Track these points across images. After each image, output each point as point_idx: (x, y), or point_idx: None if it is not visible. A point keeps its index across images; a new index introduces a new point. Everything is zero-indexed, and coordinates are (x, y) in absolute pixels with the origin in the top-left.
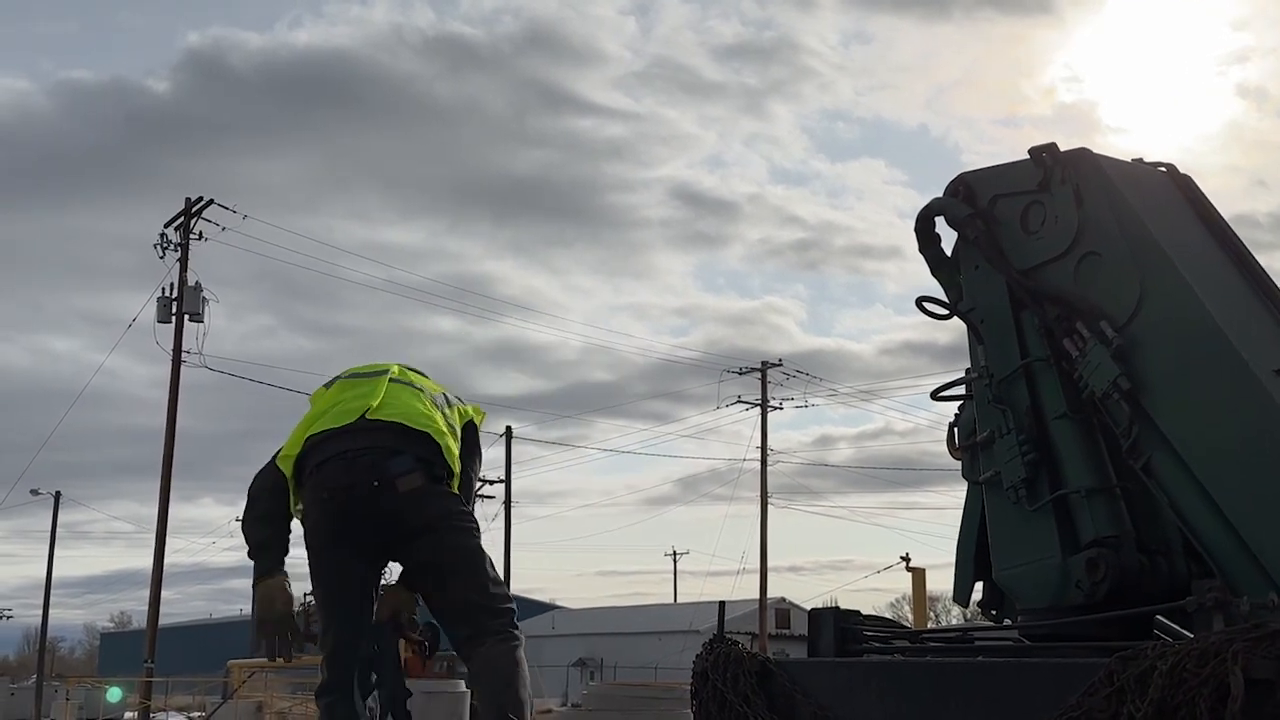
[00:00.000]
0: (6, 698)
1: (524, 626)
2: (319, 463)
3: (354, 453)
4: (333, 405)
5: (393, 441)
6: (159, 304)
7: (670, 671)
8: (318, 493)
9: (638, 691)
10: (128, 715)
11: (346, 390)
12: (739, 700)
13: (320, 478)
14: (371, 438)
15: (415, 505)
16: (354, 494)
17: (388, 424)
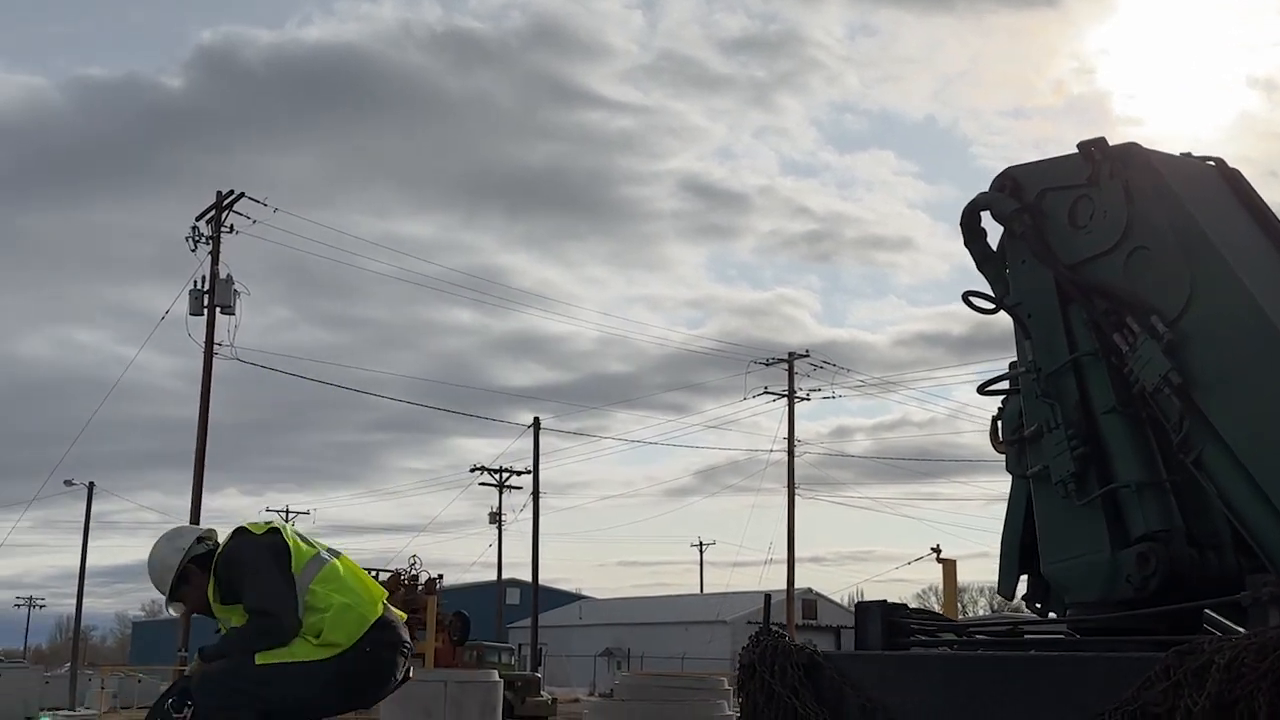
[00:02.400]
0: (41, 685)
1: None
2: (396, 643)
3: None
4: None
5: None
6: (191, 296)
7: (697, 661)
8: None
9: (670, 681)
10: None
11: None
12: (787, 693)
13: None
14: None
15: None
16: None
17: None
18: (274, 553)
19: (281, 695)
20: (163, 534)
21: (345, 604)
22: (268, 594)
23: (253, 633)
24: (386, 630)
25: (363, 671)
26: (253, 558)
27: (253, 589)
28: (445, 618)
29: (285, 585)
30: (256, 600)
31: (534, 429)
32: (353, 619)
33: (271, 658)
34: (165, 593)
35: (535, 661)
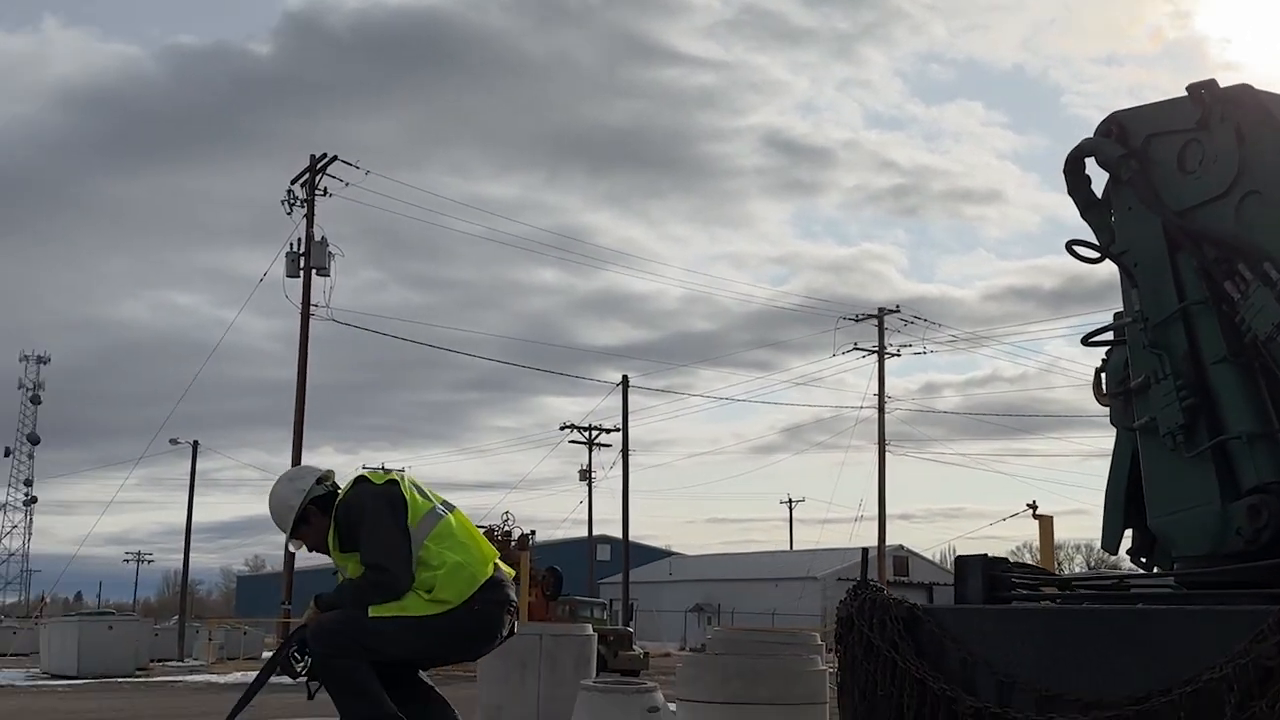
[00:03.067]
0: (151, 637)
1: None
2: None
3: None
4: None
5: None
6: (287, 259)
7: (787, 617)
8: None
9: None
10: (265, 655)
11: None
12: (886, 646)
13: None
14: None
15: None
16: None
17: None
18: (391, 505)
19: (392, 646)
20: (284, 473)
21: (458, 563)
22: (383, 548)
23: (367, 587)
24: (496, 589)
25: (471, 628)
26: (371, 509)
27: (369, 542)
28: (538, 573)
29: (400, 539)
30: (372, 554)
31: (623, 387)
32: (464, 578)
33: (384, 611)
34: (285, 531)
35: (626, 616)
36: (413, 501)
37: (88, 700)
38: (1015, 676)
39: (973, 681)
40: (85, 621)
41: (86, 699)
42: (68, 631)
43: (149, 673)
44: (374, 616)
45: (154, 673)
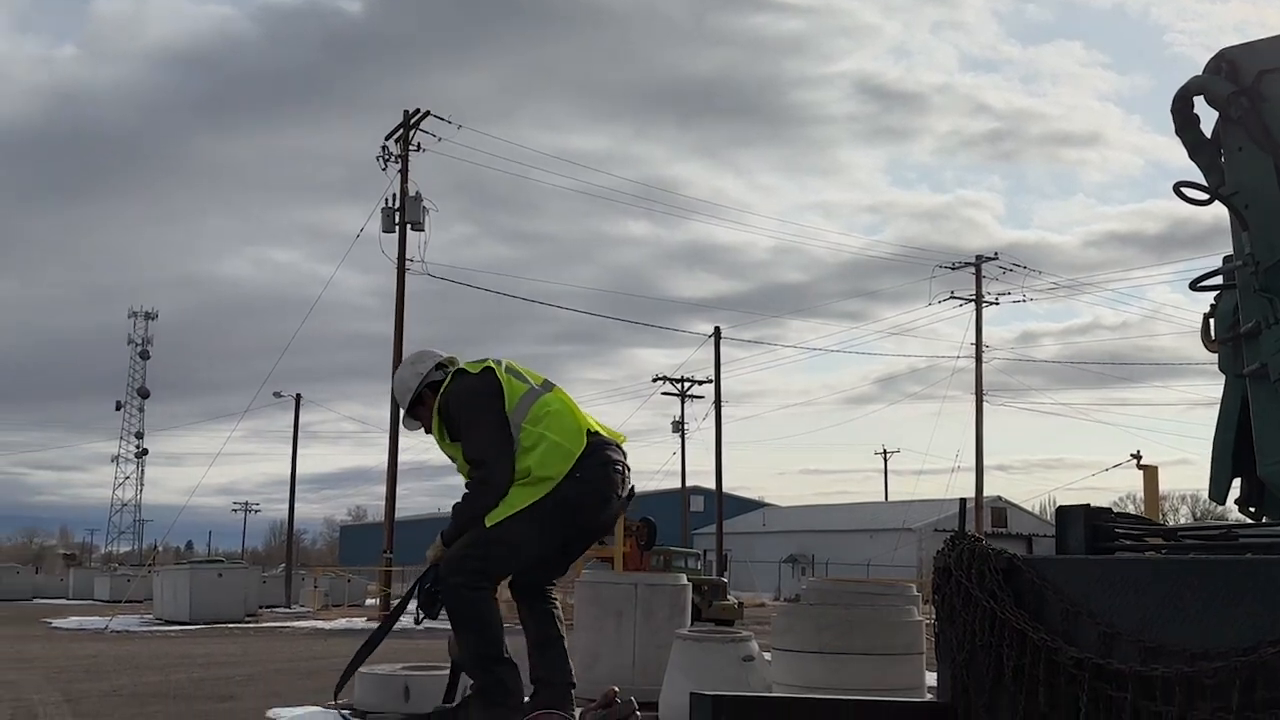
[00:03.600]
0: (259, 585)
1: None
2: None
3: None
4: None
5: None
6: (383, 215)
7: (882, 569)
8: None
9: (858, 587)
10: (369, 602)
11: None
12: (985, 597)
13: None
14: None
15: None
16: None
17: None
18: (487, 394)
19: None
20: (409, 355)
21: (554, 441)
22: (480, 442)
23: (473, 492)
24: (596, 453)
25: (580, 498)
26: (469, 401)
27: (469, 437)
28: (632, 524)
29: (498, 430)
30: (472, 449)
31: (715, 338)
32: (561, 454)
33: (498, 516)
34: (404, 409)
35: (720, 567)
36: (509, 386)
37: (199, 645)
38: (1118, 627)
39: (1074, 632)
40: (197, 569)
41: (198, 644)
42: (180, 579)
43: (258, 619)
44: (491, 525)
45: (262, 619)
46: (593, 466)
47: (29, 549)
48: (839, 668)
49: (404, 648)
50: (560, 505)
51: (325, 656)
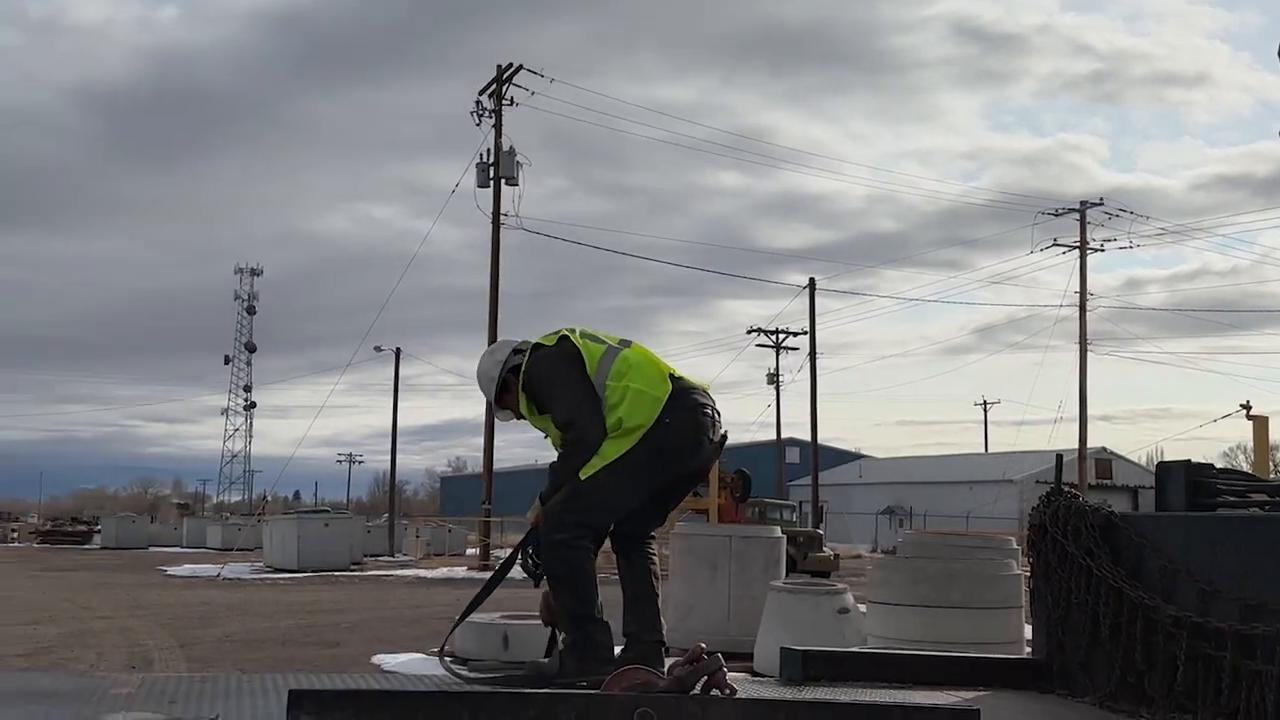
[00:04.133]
0: (363, 534)
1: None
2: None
3: (717, 414)
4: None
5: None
6: (477, 170)
7: (982, 521)
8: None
9: (956, 540)
10: (469, 552)
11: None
12: (1081, 554)
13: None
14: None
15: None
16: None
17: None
18: (566, 360)
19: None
20: (487, 349)
21: (638, 390)
22: (568, 405)
23: (567, 450)
24: (683, 397)
25: (669, 442)
26: (549, 371)
27: (555, 403)
28: (727, 476)
29: (582, 391)
30: (560, 413)
31: (809, 289)
32: (647, 401)
33: (592, 468)
34: (491, 400)
35: (816, 519)
36: (586, 350)
37: (307, 592)
38: (1218, 585)
39: (1172, 590)
40: (304, 519)
41: (306, 591)
42: (288, 529)
43: (362, 567)
44: (586, 479)
45: (367, 567)
46: (680, 411)
47: (144, 499)
48: (935, 621)
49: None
50: (652, 453)
51: (428, 605)
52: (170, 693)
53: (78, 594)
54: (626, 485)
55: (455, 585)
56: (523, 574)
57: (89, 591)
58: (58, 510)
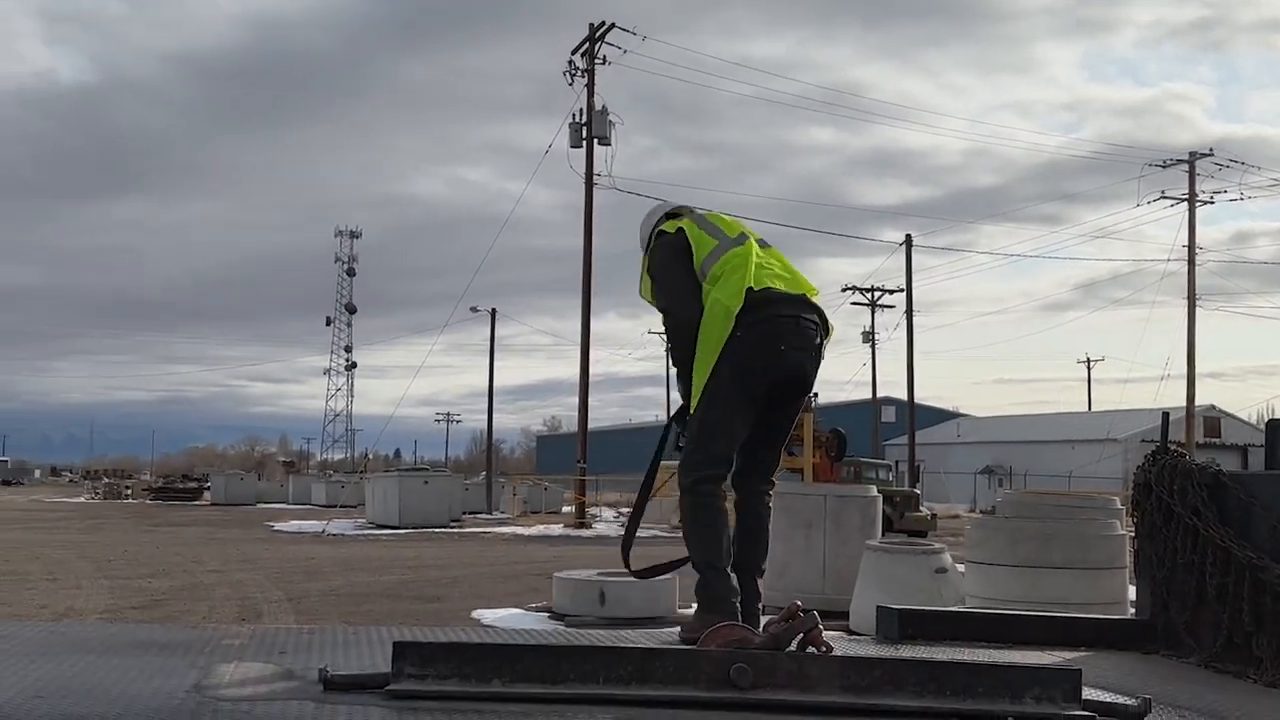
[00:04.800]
0: (462, 492)
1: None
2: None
3: (805, 321)
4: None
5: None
6: (570, 130)
7: (1085, 480)
8: (774, 341)
9: (1056, 500)
10: (565, 510)
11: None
12: (1188, 513)
13: (781, 330)
14: (813, 312)
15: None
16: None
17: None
18: (676, 251)
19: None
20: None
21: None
22: (666, 296)
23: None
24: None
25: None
26: (661, 259)
27: (658, 292)
28: (822, 435)
29: (682, 282)
30: (660, 302)
31: (906, 246)
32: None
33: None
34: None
35: (913, 478)
36: (698, 243)
37: (408, 549)
38: None
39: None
40: (404, 477)
41: (407, 547)
42: (389, 486)
43: (461, 524)
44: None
45: (465, 524)
46: (754, 324)
47: (251, 457)
48: (1036, 581)
49: (601, 554)
50: (733, 369)
51: (524, 562)
52: (280, 644)
53: (189, 549)
54: (724, 409)
55: (551, 542)
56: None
57: (200, 546)
58: (169, 468)
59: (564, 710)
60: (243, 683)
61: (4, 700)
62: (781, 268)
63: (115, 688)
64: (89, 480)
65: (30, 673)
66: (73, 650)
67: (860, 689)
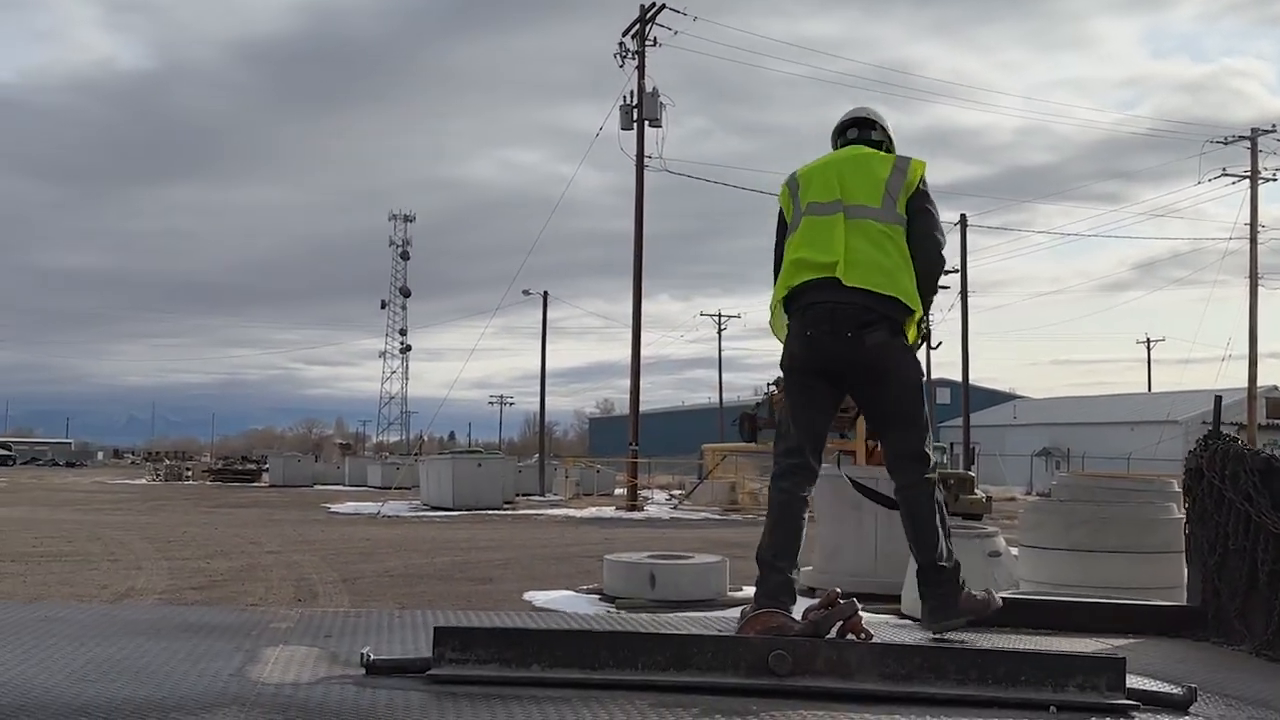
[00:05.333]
0: (515, 474)
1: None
2: (809, 304)
3: (834, 305)
4: (808, 245)
5: (863, 300)
6: (621, 112)
7: (1144, 463)
8: (802, 329)
9: (1113, 483)
10: (618, 492)
11: (817, 232)
12: (1239, 498)
13: (808, 318)
14: (849, 295)
15: (878, 358)
16: (833, 338)
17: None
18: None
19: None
20: None
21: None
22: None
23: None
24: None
25: (786, 352)
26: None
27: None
28: None
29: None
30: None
31: (960, 226)
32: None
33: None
34: None
35: (968, 460)
36: (788, 209)
37: (461, 530)
38: None
39: None
40: (458, 459)
41: (460, 529)
42: (443, 468)
43: (514, 506)
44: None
45: (518, 506)
46: (791, 315)
47: (309, 439)
48: (1091, 565)
49: (652, 535)
50: (787, 366)
51: (577, 543)
52: (325, 628)
53: (247, 530)
54: (789, 404)
55: (604, 525)
56: (669, 514)
57: (258, 528)
58: (228, 450)
59: (602, 696)
60: (286, 666)
61: (53, 684)
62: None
63: (161, 671)
64: (150, 462)
65: (80, 655)
66: (123, 633)
67: (899, 677)
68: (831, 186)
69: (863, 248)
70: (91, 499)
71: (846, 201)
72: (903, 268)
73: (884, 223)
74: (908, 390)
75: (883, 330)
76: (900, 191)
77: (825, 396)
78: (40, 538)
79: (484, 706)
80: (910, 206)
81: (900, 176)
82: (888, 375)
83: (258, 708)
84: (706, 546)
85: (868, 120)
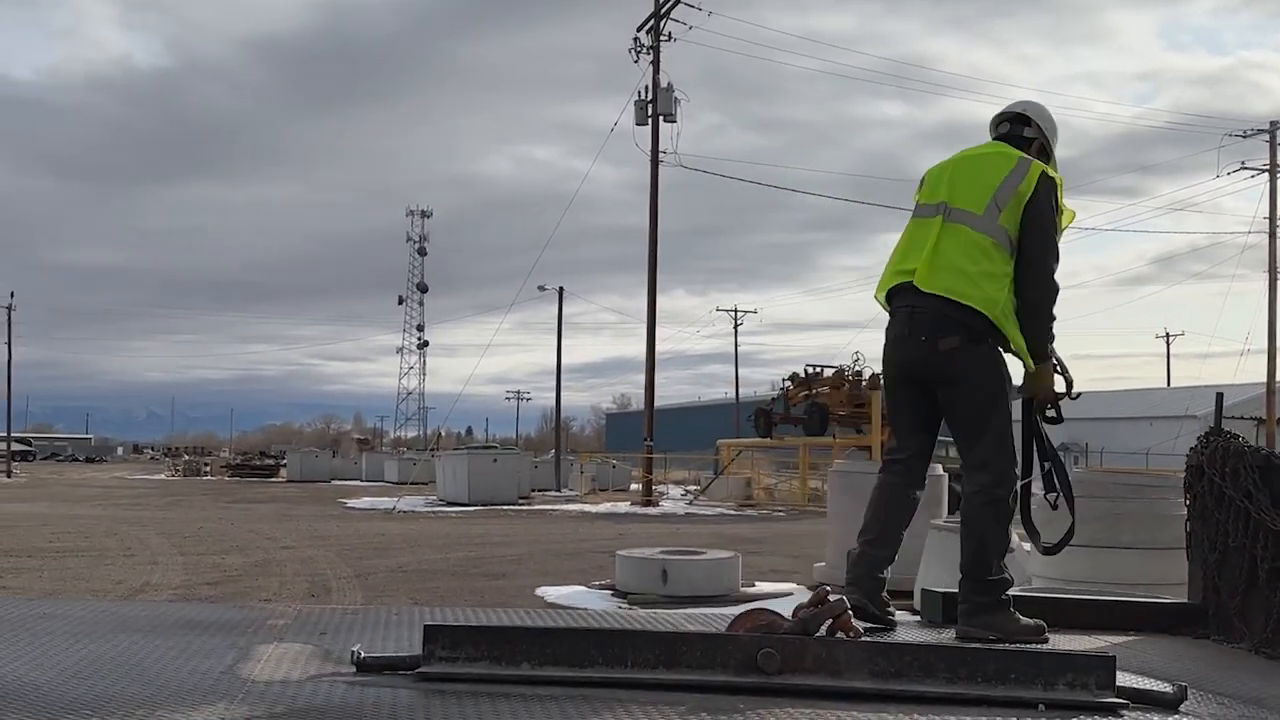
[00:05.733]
0: (531, 470)
1: None
2: (895, 308)
3: (913, 309)
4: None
5: (939, 306)
6: (636, 108)
7: (1163, 458)
8: (889, 331)
9: (1127, 478)
10: (634, 487)
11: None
12: (1240, 496)
13: (893, 322)
14: (926, 301)
15: (949, 363)
16: (910, 341)
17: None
18: None
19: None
20: None
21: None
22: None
23: None
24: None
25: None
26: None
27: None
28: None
29: None
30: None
31: None
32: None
33: None
34: None
35: None
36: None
37: (476, 525)
38: None
39: None
40: (474, 455)
41: (475, 524)
42: (459, 464)
43: (530, 501)
44: None
45: (534, 501)
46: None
47: (326, 434)
48: (1103, 561)
49: (666, 531)
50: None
51: (591, 539)
52: (321, 625)
53: (264, 525)
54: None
55: (619, 520)
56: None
57: (274, 523)
58: (247, 445)
59: (590, 694)
60: (278, 663)
61: (44, 680)
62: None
63: (153, 668)
64: (169, 458)
65: (74, 653)
66: (118, 630)
67: (889, 675)
68: (940, 188)
69: (950, 253)
70: (110, 494)
71: (951, 205)
72: (992, 278)
73: (980, 232)
74: (976, 398)
75: (956, 336)
76: (1010, 199)
77: (909, 399)
78: (58, 533)
79: (472, 704)
80: (1024, 218)
81: (1015, 182)
82: (957, 382)
83: (245, 705)
84: (721, 542)
85: (1021, 116)
